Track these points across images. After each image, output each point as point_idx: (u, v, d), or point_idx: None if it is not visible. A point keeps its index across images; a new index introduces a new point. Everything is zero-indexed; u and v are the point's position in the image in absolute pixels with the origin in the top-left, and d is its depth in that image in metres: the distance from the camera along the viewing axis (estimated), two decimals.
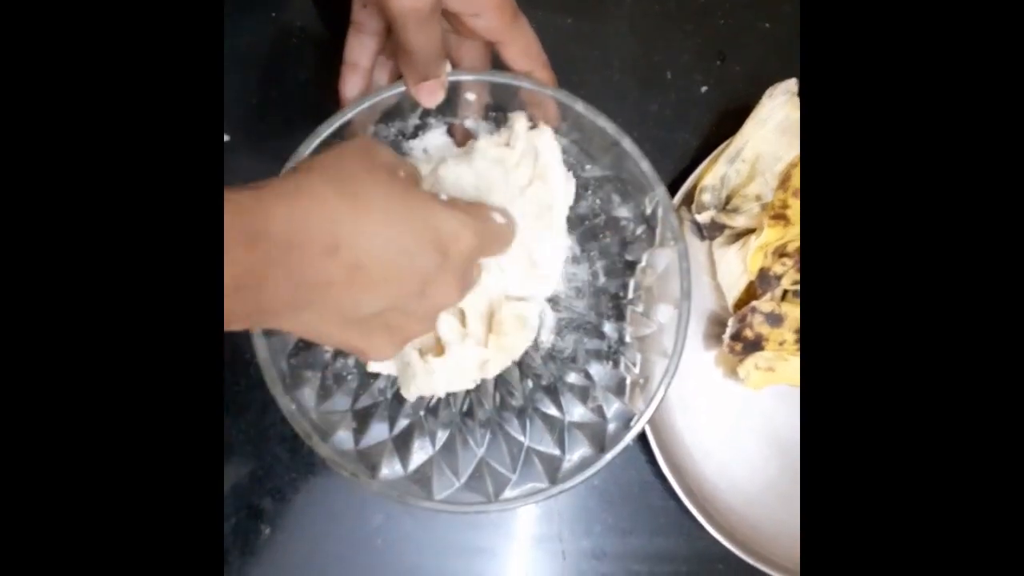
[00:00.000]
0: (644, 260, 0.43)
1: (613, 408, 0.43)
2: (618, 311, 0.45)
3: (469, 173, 0.40)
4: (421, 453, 0.42)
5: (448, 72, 0.39)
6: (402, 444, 0.42)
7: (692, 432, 0.50)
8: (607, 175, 0.43)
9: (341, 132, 0.39)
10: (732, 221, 0.48)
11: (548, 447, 0.43)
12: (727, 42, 0.53)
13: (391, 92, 0.39)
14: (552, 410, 0.44)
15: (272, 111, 0.50)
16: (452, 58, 0.40)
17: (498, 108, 0.42)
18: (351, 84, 0.41)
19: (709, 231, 0.49)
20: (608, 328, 0.45)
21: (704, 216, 0.48)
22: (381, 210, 0.30)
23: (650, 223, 0.42)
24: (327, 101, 0.41)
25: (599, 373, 0.45)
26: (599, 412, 0.43)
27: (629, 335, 0.44)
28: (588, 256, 0.46)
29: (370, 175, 0.31)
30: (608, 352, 0.45)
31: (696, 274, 0.49)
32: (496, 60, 0.40)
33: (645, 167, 0.40)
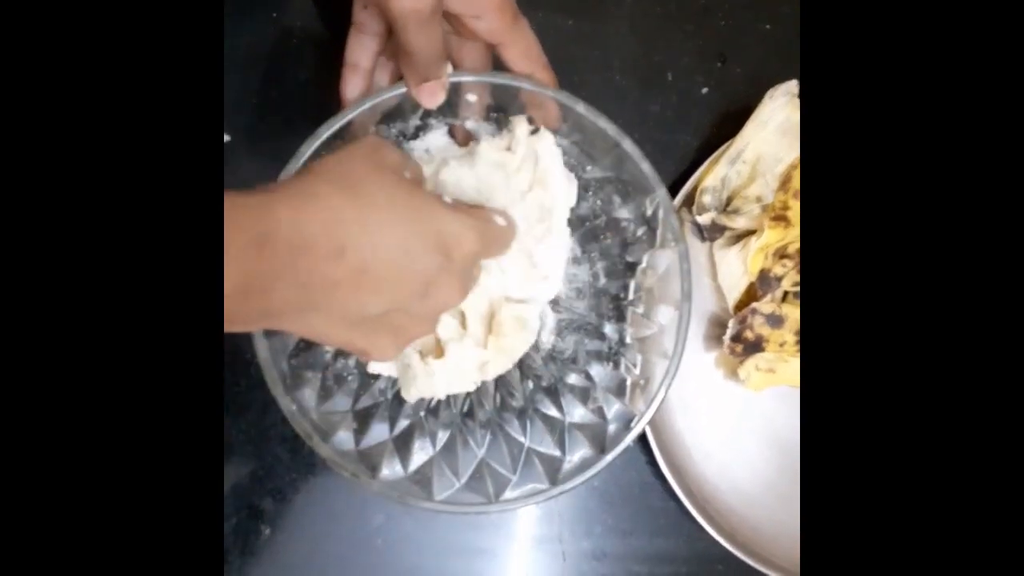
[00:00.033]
0: (645, 261, 0.43)
1: (613, 409, 0.42)
2: (619, 312, 0.45)
3: (470, 176, 0.40)
4: (421, 454, 0.42)
5: (449, 73, 0.39)
6: (402, 445, 0.42)
7: (692, 433, 0.50)
8: (608, 176, 0.43)
9: (342, 133, 0.39)
10: (733, 222, 0.48)
11: (548, 448, 0.43)
12: (728, 43, 0.53)
13: (392, 93, 0.39)
14: (552, 411, 0.44)
15: (272, 112, 0.50)
16: (453, 59, 0.40)
17: (499, 109, 0.42)
18: (352, 85, 0.41)
19: (710, 232, 0.49)
20: (609, 329, 0.45)
21: (705, 217, 0.48)
22: (387, 213, 0.31)
23: (651, 224, 0.42)
24: (328, 102, 0.41)
25: (600, 374, 0.45)
26: (599, 413, 0.43)
27: (630, 336, 0.44)
28: (589, 257, 0.46)
29: (377, 178, 0.31)
30: (609, 353, 0.45)
31: (697, 275, 0.49)
32: (497, 61, 0.40)
33: (646, 168, 0.40)
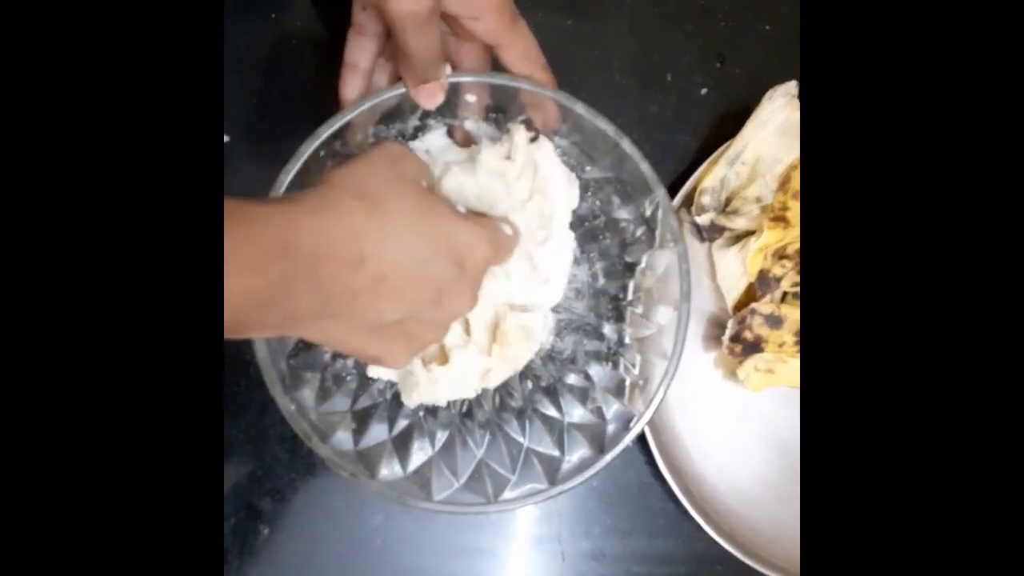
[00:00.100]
0: (644, 262, 0.43)
1: (612, 409, 0.42)
2: (618, 312, 0.45)
3: (472, 183, 0.40)
4: (420, 454, 0.42)
5: (448, 74, 0.39)
6: (401, 445, 0.42)
7: (691, 434, 0.50)
8: (607, 177, 0.43)
9: (341, 133, 0.39)
10: (732, 223, 0.48)
11: (547, 448, 0.43)
12: (727, 44, 0.53)
13: (391, 94, 0.39)
14: (551, 411, 0.44)
15: (271, 112, 0.50)
16: (452, 60, 0.40)
17: (498, 109, 0.42)
18: (351, 85, 0.41)
19: (709, 233, 0.49)
20: (608, 329, 0.45)
21: (704, 218, 0.48)
22: (404, 224, 0.32)
23: (650, 225, 0.42)
24: (327, 102, 0.41)
25: (599, 374, 0.45)
26: (598, 413, 0.43)
27: (629, 336, 0.44)
28: (588, 258, 0.46)
29: (396, 189, 0.32)
30: (608, 353, 0.45)
31: (696, 276, 0.49)
32: (495, 62, 0.40)
33: (645, 169, 0.40)
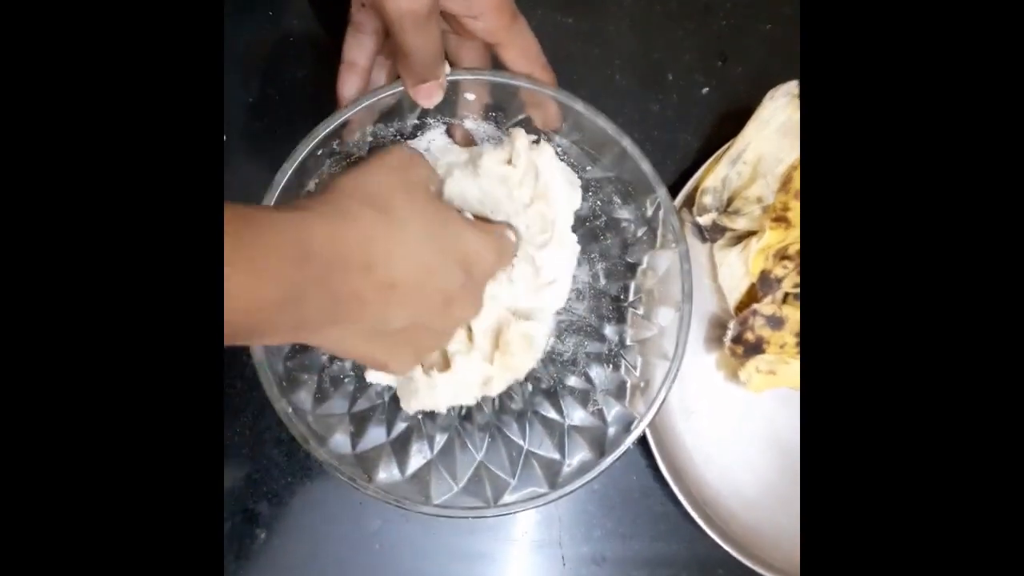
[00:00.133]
0: (645, 262, 0.43)
1: (613, 412, 0.42)
2: (619, 314, 0.45)
3: (474, 187, 0.41)
4: (419, 457, 0.42)
5: (447, 73, 0.38)
6: (400, 448, 0.42)
7: (693, 436, 0.49)
8: (608, 176, 0.43)
9: (339, 132, 0.39)
10: (733, 223, 0.47)
11: (548, 451, 0.42)
12: (729, 43, 0.53)
13: (389, 92, 0.39)
14: (552, 414, 0.44)
15: (269, 110, 0.50)
16: (451, 58, 0.40)
17: (498, 108, 0.42)
18: (349, 84, 0.40)
19: (710, 233, 0.48)
20: (608, 331, 0.45)
21: (705, 218, 0.48)
22: (414, 232, 0.32)
23: (651, 225, 0.42)
24: (325, 101, 0.41)
25: (599, 376, 0.44)
26: (599, 416, 0.43)
27: (630, 338, 0.44)
28: (589, 258, 0.45)
29: (406, 196, 0.33)
30: (608, 355, 0.44)
31: (697, 276, 0.49)
32: (495, 61, 0.40)
33: (646, 168, 0.39)
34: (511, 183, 0.41)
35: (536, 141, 0.42)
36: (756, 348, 0.47)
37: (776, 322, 0.46)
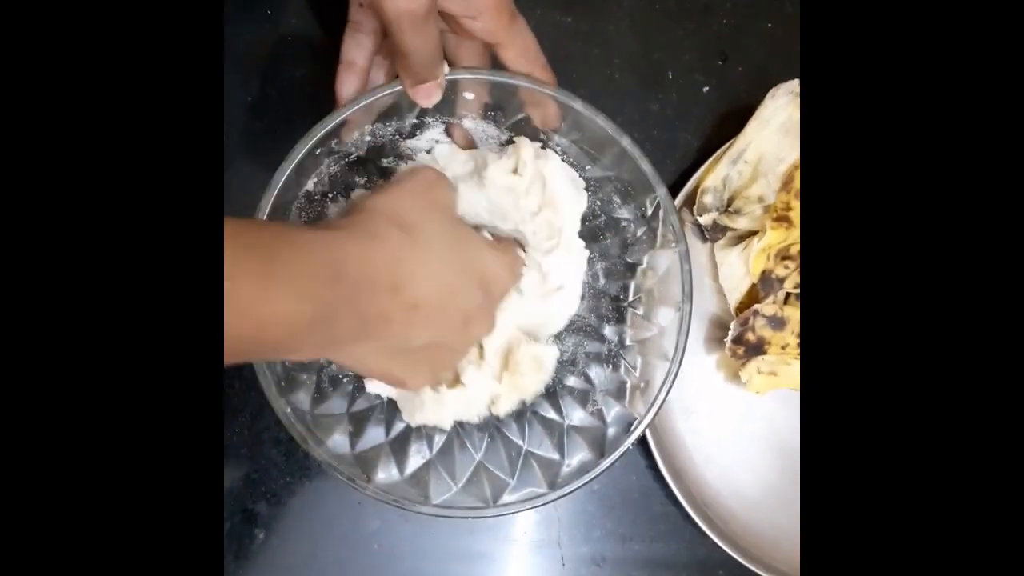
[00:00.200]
0: (645, 262, 0.43)
1: (613, 412, 0.42)
2: (619, 314, 0.44)
3: (482, 199, 0.41)
4: (418, 457, 0.42)
5: (446, 72, 0.38)
6: (399, 448, 0.42)
7: (693, 437, 0.49)
8: (608, 176, 0.43)
9: (337, 131, 0.39)
10: (734, 223, 0.47)
11: (547, 451, 0.42)
12: (729, 42, 0.53)
13: (388, 91, 0.39)
14: (551, 414, 0.44)
15: (268, 110, 0.50)
16: (450, 58, 0.40)
17: (497, 107, 0.42)
18: (348, 83, 0.40)
19: (711, 233, 0.48)
20: (608, 331, 0.45)
21: (706, 218, 0.47)
22: (438, 252, 0.33)
23: (651, 224, 0.42)
24: (324, 100, 0.40)
25: (599, 376, 0.44)
26: (599, 416, 0.43)
27: (630, 338, 0.44)
28: (588, 258, 0.45)
29: (431, 218, 0.34)
30: (608, 355, 0.44)
31: (698, 276, 0.48)
32: (495, 60, 0.40)
33: (646, 167, 0.39)
34: (518, 192, 0.41)
35: (543, 146, 0.42)
36: (757, 349, 0.47)
37: (777, 323, 0.46)
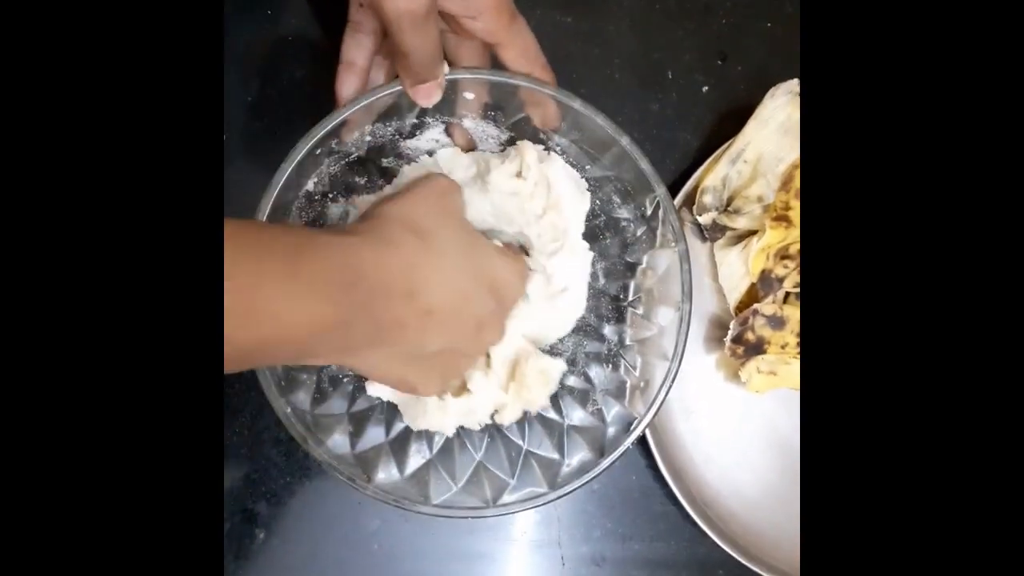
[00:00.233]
0: (645, 262, 0.43)
1: (613, 412, 0.42)
2: (618, 313, 0.44)
3: (486, 203, 0.41)
4: (418, 457, 0.42)
5: (446, 72, 0.38)
6: (399, 448, 0.42)
7: (693, 436, 0.49)
8: (607, 175, 0.43)
9: (337, 131, 0.39)
10: (734, 222, 0.47)
11: (547, 451, 0.42)
12: (729, 42, 0.53)
13: (388, 91, 0.39)
14: (551, 414, 0.44)
15: (268, 110, 0.50)
16: (450, 58, 0.40)
17: (497, 107, 0.42)
18: (348, 83, 0.40)
19: (710, 232, 0.48)
20: (608, 331, 0.45)
21: (705, 217, 0.47)
22: (452, 259, 0.34)
23: (651, 224, 0.42)
24: (324, 100, 0.40)
25: (599, 376, 0.44)
26: (599, 416, 0.43)
27: (629, 338, 0.44)
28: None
29: (445, 225, 0.34)
30: (608, 355, 0.44)
31: (697, 276, 0.48)
32: (495, 60, 0.40)
33: (645, 167, 0.39)
34: (522, 195, 0.41)
35: (546, 149, 0.42)
36: (757, 348, 0.47)
37: (777, 322, 0.46)
